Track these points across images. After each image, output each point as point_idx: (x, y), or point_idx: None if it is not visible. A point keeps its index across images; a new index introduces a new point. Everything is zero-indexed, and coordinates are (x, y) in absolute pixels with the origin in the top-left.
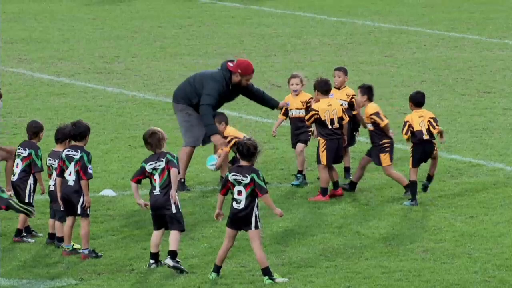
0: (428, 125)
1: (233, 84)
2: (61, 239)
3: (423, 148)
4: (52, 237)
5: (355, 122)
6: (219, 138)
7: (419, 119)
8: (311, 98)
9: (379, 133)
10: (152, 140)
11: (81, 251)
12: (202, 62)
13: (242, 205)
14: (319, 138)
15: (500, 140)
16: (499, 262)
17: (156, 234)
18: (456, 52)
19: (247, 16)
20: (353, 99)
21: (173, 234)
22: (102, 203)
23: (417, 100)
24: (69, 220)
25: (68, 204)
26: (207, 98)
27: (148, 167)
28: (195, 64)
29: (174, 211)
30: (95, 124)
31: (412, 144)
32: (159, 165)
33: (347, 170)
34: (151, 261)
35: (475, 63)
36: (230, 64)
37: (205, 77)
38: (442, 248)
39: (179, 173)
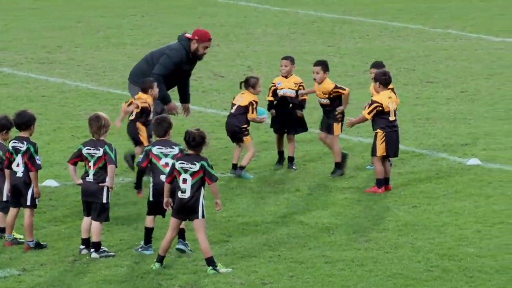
0: None
1: (192, 53)
2: (3, 230)
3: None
4: None
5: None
6: (173, 106)
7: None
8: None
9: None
10: (93, 124)
11: (26, 242)
12: (145, 52)
13: (187, 194)
14: (378, 130)
15: (443, 130)
16: (442, 251)
17: (86, 220)
18: (399, 42)
19: (191, 5)
20: (300, 87)
21: (96, 225)
22: (45, 193)
23: None
24: (13, 210)
25: (16, 195)
26: (159, 67)
27: (85, 151)
28: (138, 54)
29: (104, 201)
30: (37, 115)
31: None
32: (96, 153)
33: (291, 160)
34: (82, 247)
35: (418, 53)
36: (188, 34)
37: (163, 49)
38: (385, 238)
39: (116, 167)
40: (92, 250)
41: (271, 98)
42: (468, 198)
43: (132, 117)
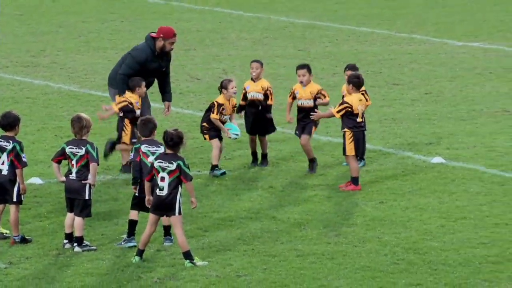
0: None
1: (159, 52)
2: None
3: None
4: None
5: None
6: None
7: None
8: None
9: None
10: (75, 125)
11: (12, 237)
12: None
13: (165, 192)
14: (345, 129)
15: (408, 130)
16: (408, 245)
17: (69, 216)
18: (366, 46)
19: (168, 11)
20: (267, 91)
21: (79, 220)
22: (30, 190)
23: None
24: None
25: (1, 192)
26: (124, 67)
27: (68, 150)
28: (118, 58)
29: (86, 197)
30: (22, 115)
31: None
32: (78, 152)
33: (264, 156)
34: (65, 241)
35: (384, 57)
36: (153, 33)
37: (129, 51)
38: (354, 232)
39: (98, 165)
40: (75, 244)
41: (242, 103)
42: (432, 194)
43: (121, 114)
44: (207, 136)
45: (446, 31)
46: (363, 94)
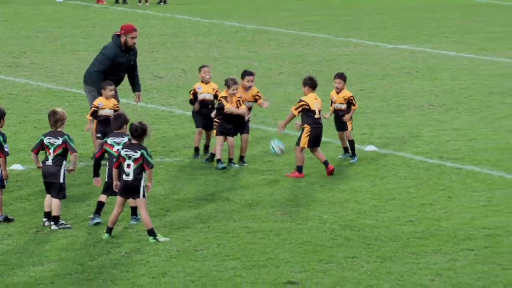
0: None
1: (124, 47)
2: None
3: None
4: None
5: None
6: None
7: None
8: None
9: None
10: (51, 118)
11: None
12: None
13: (131, 177)
14: (304, 125)
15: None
16: (345, 223)
17: (48, 197)
18: (308, 49)
19: (134, 18)
20: (217, 92)
21: (56, 202)
22: (12, 175)
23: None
24: None
25: None
26: (97, 65)
27: (46, 141)
28: (90, 59)
29: (61, 181)
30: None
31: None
32: (55, 142)
33: (206, 148)
34: (44, 219)
35: (324, 58)
36: (117, 32)
37: (100, 51)
38: (297, 212)
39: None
40: (52, 222)
41: (192, 97)
42: (366, 178)
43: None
44: (214, 131)
45: (378, 35)
46: (351, 100)
